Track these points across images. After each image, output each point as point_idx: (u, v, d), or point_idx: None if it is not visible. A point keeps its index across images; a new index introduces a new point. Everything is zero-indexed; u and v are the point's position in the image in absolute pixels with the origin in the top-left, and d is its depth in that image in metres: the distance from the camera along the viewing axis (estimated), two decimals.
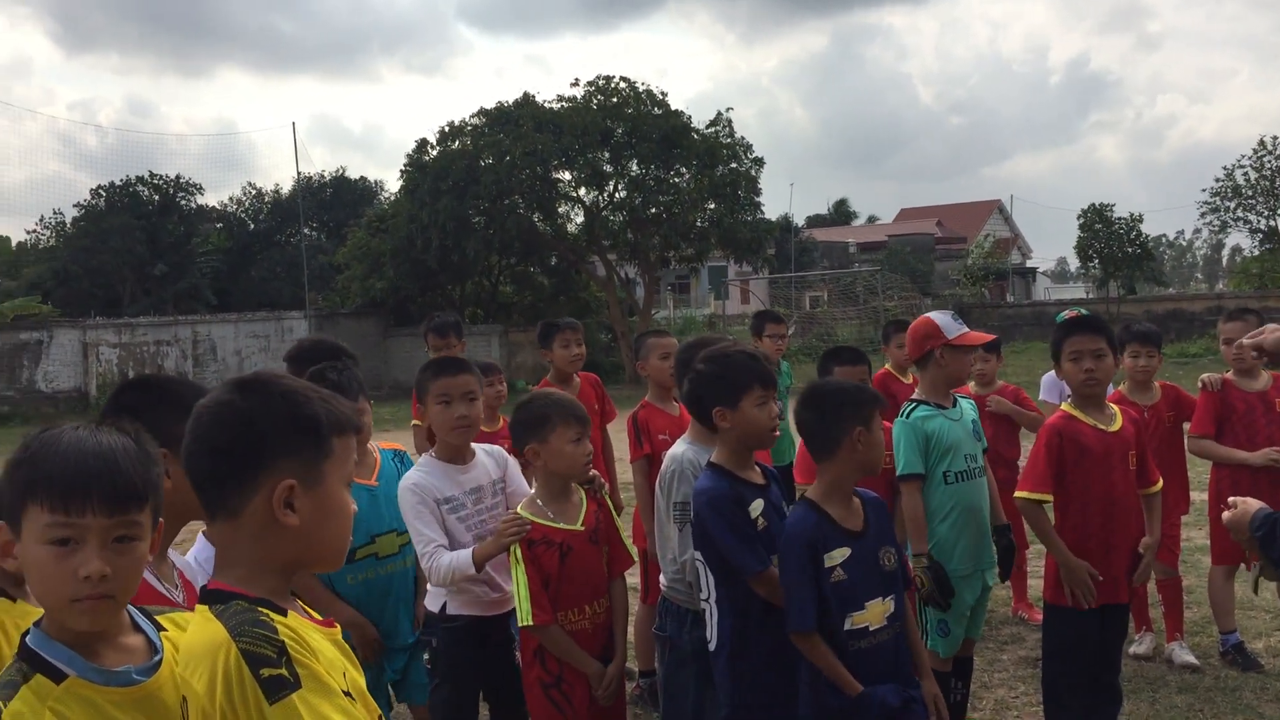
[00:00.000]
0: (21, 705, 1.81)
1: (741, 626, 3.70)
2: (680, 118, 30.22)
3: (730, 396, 3.74)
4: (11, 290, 37.29)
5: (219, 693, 1.79)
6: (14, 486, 1.88)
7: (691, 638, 3.99)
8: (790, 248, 47.52)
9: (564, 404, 4.09)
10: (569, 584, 3.96)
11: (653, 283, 32.50)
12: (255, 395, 1.98)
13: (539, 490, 4.12)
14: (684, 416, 5.79)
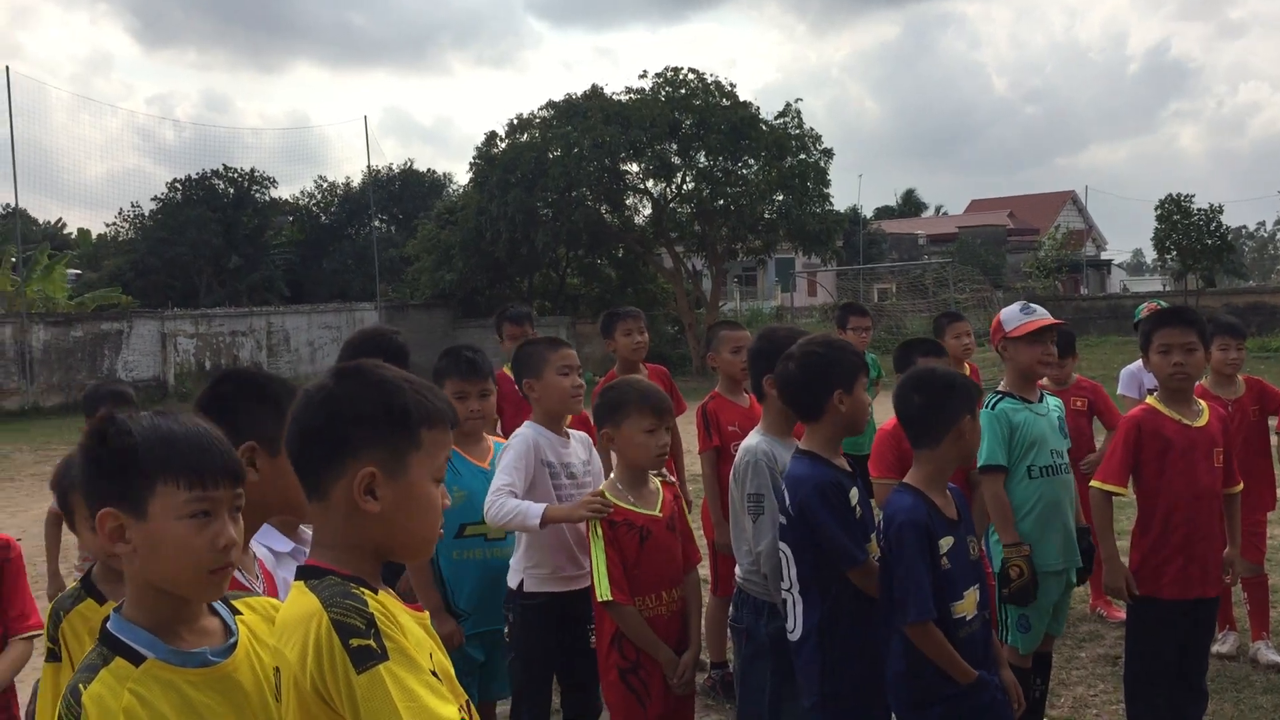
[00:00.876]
0: (101, 687, 1.88)
1: (832, 616, 3.68)
2: (749, 109, 30.07)
3: (849, 380, 3.74)
4: (93, 282, 38.18)
5: (310, 661, 1.82)
6: (139, 469, 1.94)
7: (769, 629, 3.98)
8: (859, 239, 47.11)
9: (644, 393, 4.10)
10: (647, 569, 3.98)
11: (720, 275, 32.43)
12: (350, 382, 2.02)
13: (618, 474, 4.15)
14: (754, 409, 5.78)
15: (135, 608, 1.99)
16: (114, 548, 1.96)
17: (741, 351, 5.80)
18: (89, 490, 2.00)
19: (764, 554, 4.00)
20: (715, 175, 30.07)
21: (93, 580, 3.01)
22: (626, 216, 32.39)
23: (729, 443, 5.68)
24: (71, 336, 27.68)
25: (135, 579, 1.99)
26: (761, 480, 4.04)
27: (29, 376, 26.52)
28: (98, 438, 1.98)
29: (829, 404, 3.74)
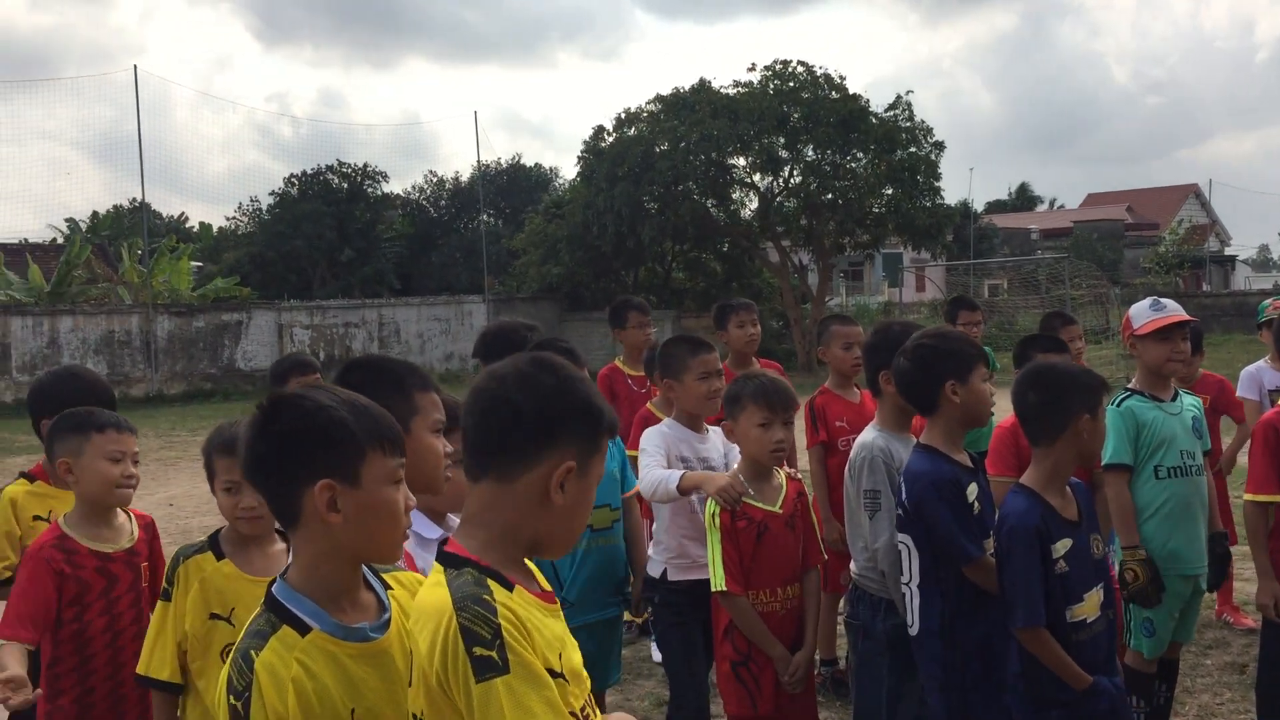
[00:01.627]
0: (272, 655, 1.94)
1: (952, 612, 3.62)
2: (858, 101, 29.70)
3: (963, 370, 3.66)
4: (213, 274, 39.46)
5: (436, 658, 1.85)
6: (353, 439, 2.01)
7: (887, 626, 3.92)
8: (969, 234, 46.20)
9: (760, 387, 4.06)
10: (763, 563, 3.96)
11: (827, 269, 32.11)
12: (559, 376, 2.03)
13: (741, 466, 4.12)
14: (865, 405, 5.72)
15: (306, 579, 2.03)
16: (327, 517, 1.99)
17: (853, 347, 5.74)
18: (291, 466, 2.00)
19: (880, 550, 3.94)
20: (823, 169, 29.77)
21: (219, 539, 3.20)
22: (732, 210, 32.28)
23: (836, 438, 5.64)
24: (194, 327, 28.66)
25: (321, 549, 2.02)
26: (878, 476, 3.99)
27: (154, 365, 27.53)
28: (294, 413, 2.02)
29: (942, 395, 3.68)
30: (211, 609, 3.12)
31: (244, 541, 3.21)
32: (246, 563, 3.18)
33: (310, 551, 2.04)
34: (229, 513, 3.22)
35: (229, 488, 3.18)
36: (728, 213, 32.09)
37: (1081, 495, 3.63)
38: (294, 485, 2.00)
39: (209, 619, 3.11)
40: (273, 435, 2.02)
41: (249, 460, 2.06)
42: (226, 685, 1.96)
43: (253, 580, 3.15)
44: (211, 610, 3.12)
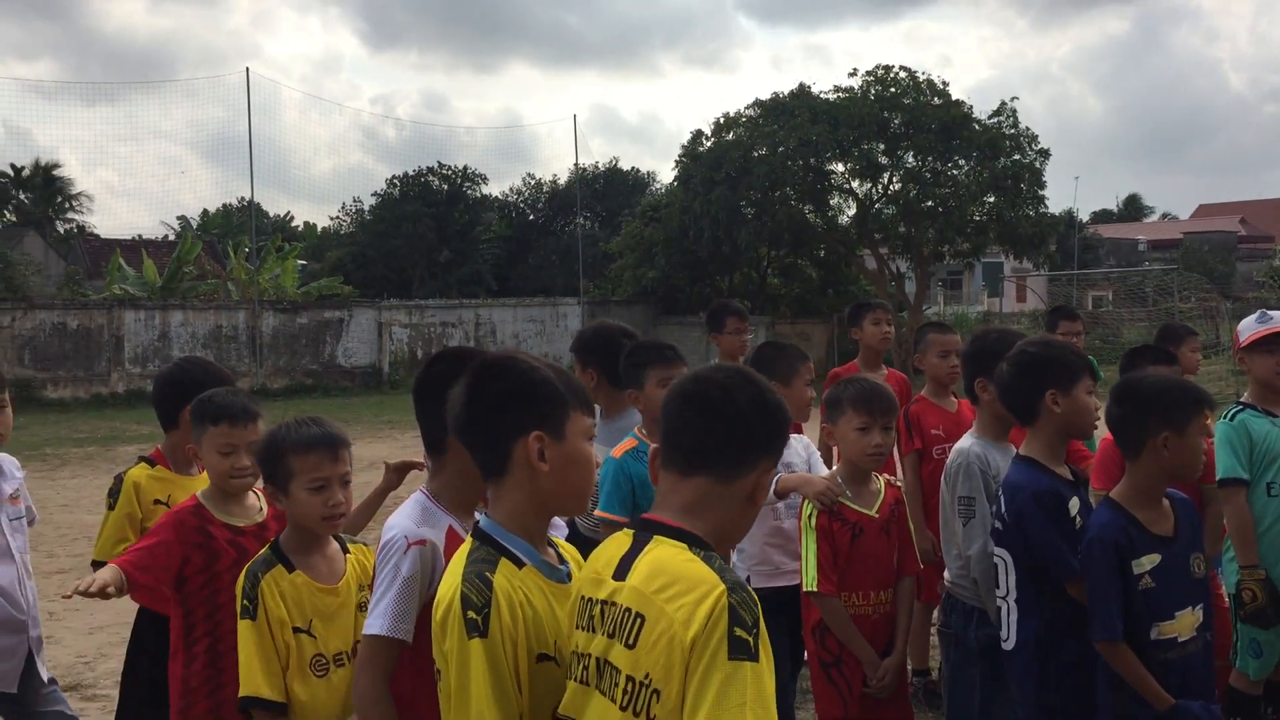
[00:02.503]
0: (503, 579, 2.19)
1: (1049, 628, 3.55)
2: (961, 108, 29.31)
3: (1065, 380, 3.60)
4: (317, 272, 40.44)
5: (695, 625, 1.95)
6: (561, 397, 2.31)
7: (979, 635, 3.87)
8: (1073, 244, 45.20)
9: (860, 391, 4.04)
10: (856, 566, 3.95)
11: (925, 277, 31.72)
12: (774, 395, 2.24)
13: (840, 469, 4.11)
14: (961, 413, 5.64)
15: (513, 522, 2.28)
16: (537, 466, 2.25)
17: (950, 355, 5.68)
18: (506, 419, 2.26)
19: (974, 558, 3.90)
20: (924, 175, 29.42)
21: (281, 548, 3.24)
22: (830, 216, 32.08)
23: (931, 446, 5.59)
24: (297, 323, 29.39)
25: (526, 495, 2.28)
26: (973, 483, 3.95)
27: (258, 360, 28.30)
28: (511, 373, 2.30)
29: (1042, 405, 3.61)
30: (294, 623, 3.17)
31: (305, 548, 3.25)
32: (314, 570, 3.24)
33: (514, 499, 2.29)
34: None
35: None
36: (825, 219, 31.89)
37: (1183, 511, 3.52)
38: (507, 437, 2.26)
39: (294, 634, 3.16)
40: (492, 393, 2.30)
41: (464, 417, 2.32)
42: (460, 601, 2.15)
43: (324, 590, 3.22)
44: (294, 625, 3.17)
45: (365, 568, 3.35)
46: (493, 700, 2.10)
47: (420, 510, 2.72)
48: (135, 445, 17.78)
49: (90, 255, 45.50)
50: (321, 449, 3.21)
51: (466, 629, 2.12)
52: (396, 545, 2.63)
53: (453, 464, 2.74)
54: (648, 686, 2.01)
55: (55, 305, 27.23)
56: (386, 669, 2.61)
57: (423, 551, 2.61)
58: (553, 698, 2.21)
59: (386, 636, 2.59)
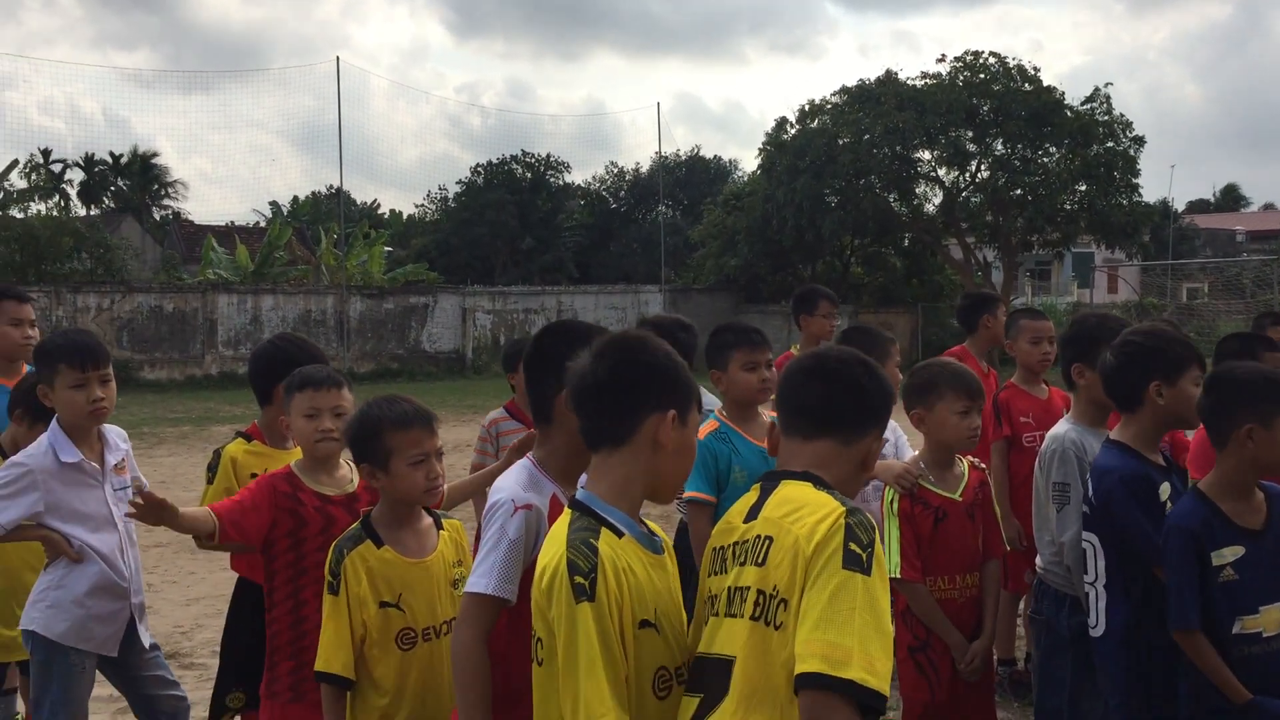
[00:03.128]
0: (607, 546, 2.28)
1: (1138, 615, 3.49)
2: (1052, 94, 28.72)
3: (1171, 371, 3.54)
4: (402, 259, 41.03)
5: (819, 537, 2.16)
6: (694, 387, 2.46)
7: (1071, 623, 3.82)
8: (1167, 234, 44.03)
9: (956, 374, 4.02)
10: (941, 550, 3.93)
11: (1012, 267, 31.17)
12: (877, 364, 2.50)
13: (923, 453, 4.08)
14: (1052, 401, 5.56)
15: (616, 494, 2.38)
16: (663, 442, 2.37)
17: (1042, 342, 5.60)
18: (641, 393, 2.38)
19: (1067, 545, 3.84)
20: (1013, 163, 28.91)
21: (372, 523, 3.28)
22: (916, 205, 31.67)
23: (1021, 434, 5.52)
24: (383, 309, 29.89)
25: (636, 471, 2.39)
26: (1068, 469, 3.90)
27: (346, 344, 28.83)
28: (664, 352, 2.44)
29: (1146, 395, 3.55)
30: (382, 598, 3.20)
31: (397, 523, 3.29)
32: (403, 546, 3.26)
33: (625, 472, 2.38)
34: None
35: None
36: (910, 207, 31.49)
37: (1278, 506, 3.43)
38: (641, 409, 2.36)
39: (380, 608, 3.20)
40: (639, 364, 2.40)
41: (599, 382, 2.39)
42: (567, 566, 2.23)
43: (413, 564, 3.25)
44: (382, 599, 3.20)
45: (460, 544, 3.41)
46: (603, 663, 2.16)
47: (527, 476, 2.76)
48: (228, 425, 18.22)
49: (185, 240, 46.73)
50: (419, 424, 3.26)
51: (574, 593, 2.19)
52: (503, 508, 2.67)
53: (560, 434, 2.78)
54: (775, 597, 2.18)
55: (152, 289, 28.06)
56: (487, 627, 2.64)
57: (528, 516, 2.65)
58: (654, 664, 2.30)
59: (491, 595, 2.61)
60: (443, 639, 3.25)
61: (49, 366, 4.01)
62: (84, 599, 3.96)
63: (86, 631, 3.98)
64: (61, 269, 28.74)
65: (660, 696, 2.31)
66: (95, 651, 4.03)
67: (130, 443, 4.42)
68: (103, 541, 4.03)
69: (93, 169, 56.85)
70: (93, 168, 56.81)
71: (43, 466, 3.97)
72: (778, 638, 2.15)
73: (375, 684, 3.20)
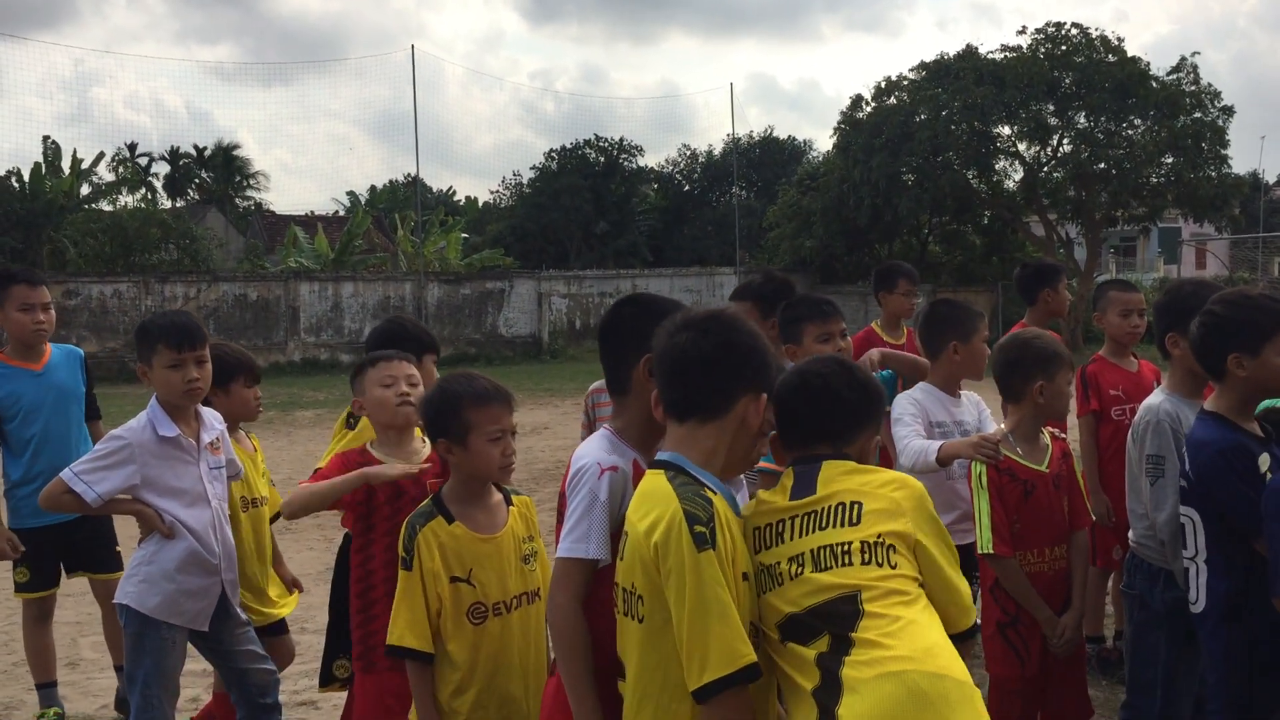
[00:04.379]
0: (715, 500, 2.42)
1: (1241, 590, 3.39)
2: (1137, 65, 27.98)
3: (1252, 342, 3.41)
4: (478, 245, 41.39)
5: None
6: (771, 371, 2.56)
7: (1165, 598, 3.72)
8: (1258, 207, 42.72)
9: (1063, 348, 4.04)
10: (1029, 523, 3.86)
11: (1096, 243, 30.49)
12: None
13: (1011, 425, 4.01)
14: (1141, 373, 5.43)
15: (706, 461, 2.48)
16: (750, 421, 2.50)
17: (1132, 314, 5.47)
18: (750, 371, 2.50)
19: (1161, 520, 3.74)
20: (1096, 137, 28.23)
21: (443, 499, 3.31)
22: (995, 182, 31.12)
23: (1110, 407, 5.42)
24: (461, 294, 30.18)
25: (725, 445, 2.51)
26: (1163, 441, 3.80)
27: None
28: (747, 331, 2.54)
29: (1226, 367, 3.44)
30: (453, 573, 3.22)
31: (469, 499, 3.31)
32: (474, 522, 3.29)
33: (714, 444, 2.49)
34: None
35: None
36: (990, 184, 30.95)
37: None
38: (737, 386, 2.47)
39: (451, 583, 3.22)
40: (739, 343, 2.50)
41: (703, 354, 2.47)
42: (685, 517, 2.33)
43: (483, 539, 3.28)
44: (453, 574, 3.22)
45: (530, 519, 3.43)
46: (734, 608, 2.29)
47: (608, 443, 2.79)
48: (312, 410, 18.57)
49: (267, 230, 47.65)
50: (498, 401, 3.29)
51: (696, 542, 2.29)
52: (590, 471, 2.69)
53: (636, 405, 2.79)
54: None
55: (236, 278, 28.65)
56: (583, 590, 2.65)
57: (614, 478, 2.68)
58: (747, 615, 2.40)
59: (587, 559, 2.63)
60: (513, 614, 3.28)
61: (148, 346, 4.10)
62: (175, 574, 4.05)
63: (177, 606, 4.06)
64: (149, 260, 29.50)
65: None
66: (187, 626, 4.11)
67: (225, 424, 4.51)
68: (195, 518, 4.11)
69: (177, 162, 58.23)
70: (177, 160, 58.18)
71: (141, 440, 4.05)
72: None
73: (449, 658, 3.23)
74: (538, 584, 3.38)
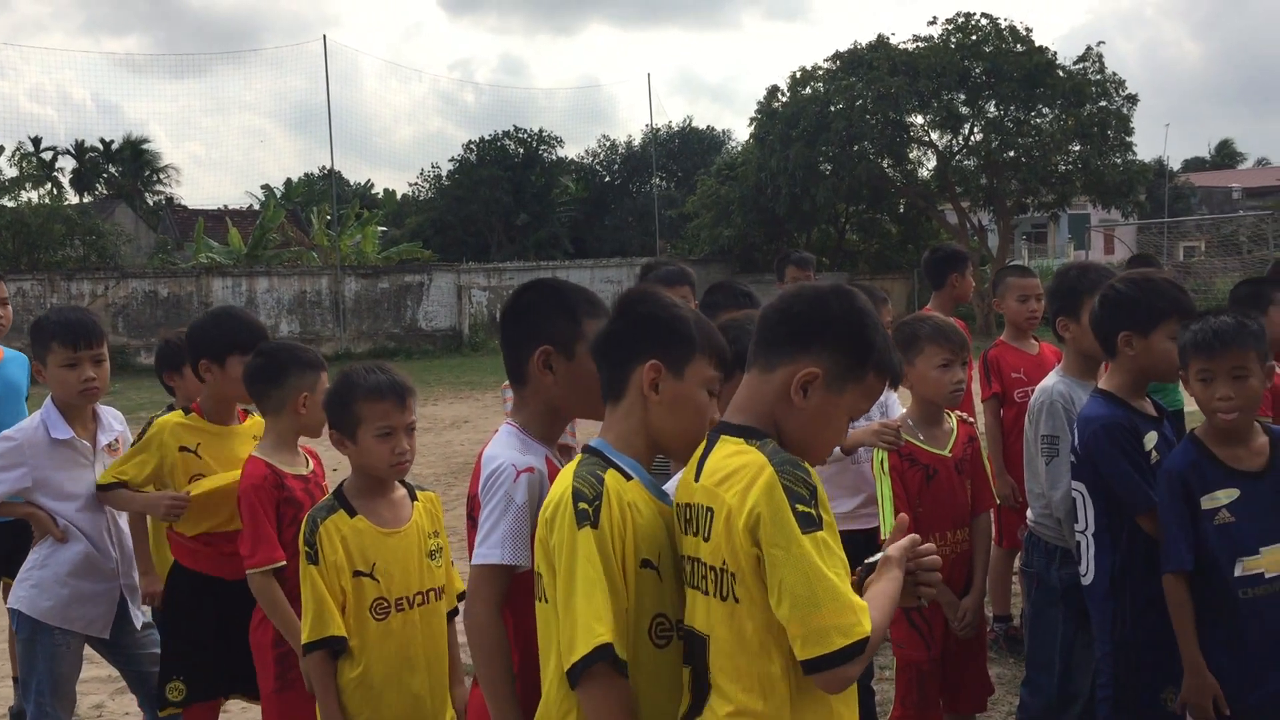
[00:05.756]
0: (613, 481, 2.28)
1: (1125, 563, 3.49)
2: (1044, 54, 28.60)
3: (1144, 323, 3.49)
4: (397, 238, 40.93)
5: (748, 506, 2.08)
6: (690, 338, 2.37)
7: (1061, 575, 3.81)
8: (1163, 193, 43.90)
9: (938, 327, 3.97)
10: (931, 507, 3.89)
11: (1008, 230, 31.09)
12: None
13: (910, 410, 4.06)
14: (1043, 355, 5.56)
15: (625, 443, 2.38)
16: (648, 394, 2.35)
17: (1029, 299, 5.60)
18: (635, 343, 2.37)
19: (1057, 498, 3.82)
20: (1006, 125, 28.81)
21: (345, 494, 3.27)
22: (909, 170, 31.57)
23: (1012, 390, 5.54)
24: (378, 288, 29.81)
25: (637, 422, 2.38)
26: (1057, 421, 3.88)
27: (342, 324, 28.79)
28: (651, 302, 2.42)
29: (1117, 345, 3.53)
30: (356, 567, 3.20)
31: (370, 493, 3.28)
32: (377, 516, 3.26)
33: (627, 423, 2.39)
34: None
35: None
36: (904, 173, 31.40)
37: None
38: (630, 361, 2.36)
39: (354, 577, 3.20)
40: (630, 316, 2.40)
41: (603, 337, 2.43)
42: (572, 494, 2.23)
43: (387, 533, 3.25)
44: (356, 568, 3.20)
45: (435, 515, 3.40)
46: (604, 588, 2.16)
47: (518, 441, 2.68)
48: None
49: (179, 225, 46.57)
50: (391, 396, 3.24)
51: (577, 518, 2.19)
52: (505, 474, 2.57)
53: (535, 396, 2.70)
54: (725, 571, 2.14)
55: (146, 274, 27.98)
56: (500, 598, 2.55)
57: (531, 479, 2.57)
58: (653, 608, 2.27)
59: (504, 565, 2.52)
60: (416, 610, 3.26)
61: (42, 344, 3.98)
62: (68, 578, 3.95)
63: (71, 611, 3.96)
64: (54, 256, 28.67)
65: (659, 645, 2.26)
66: (83, 632, 4.01)
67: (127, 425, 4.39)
68: (89, 521, 4.01)
69: (84, 156, 56.60)
70: (84, 155, 56.56)
71: (33, 442, 3.95)
72: (742, 610, 2.11)
73: (350, 654, 3.20)
74: (442, 581, 3.36)
